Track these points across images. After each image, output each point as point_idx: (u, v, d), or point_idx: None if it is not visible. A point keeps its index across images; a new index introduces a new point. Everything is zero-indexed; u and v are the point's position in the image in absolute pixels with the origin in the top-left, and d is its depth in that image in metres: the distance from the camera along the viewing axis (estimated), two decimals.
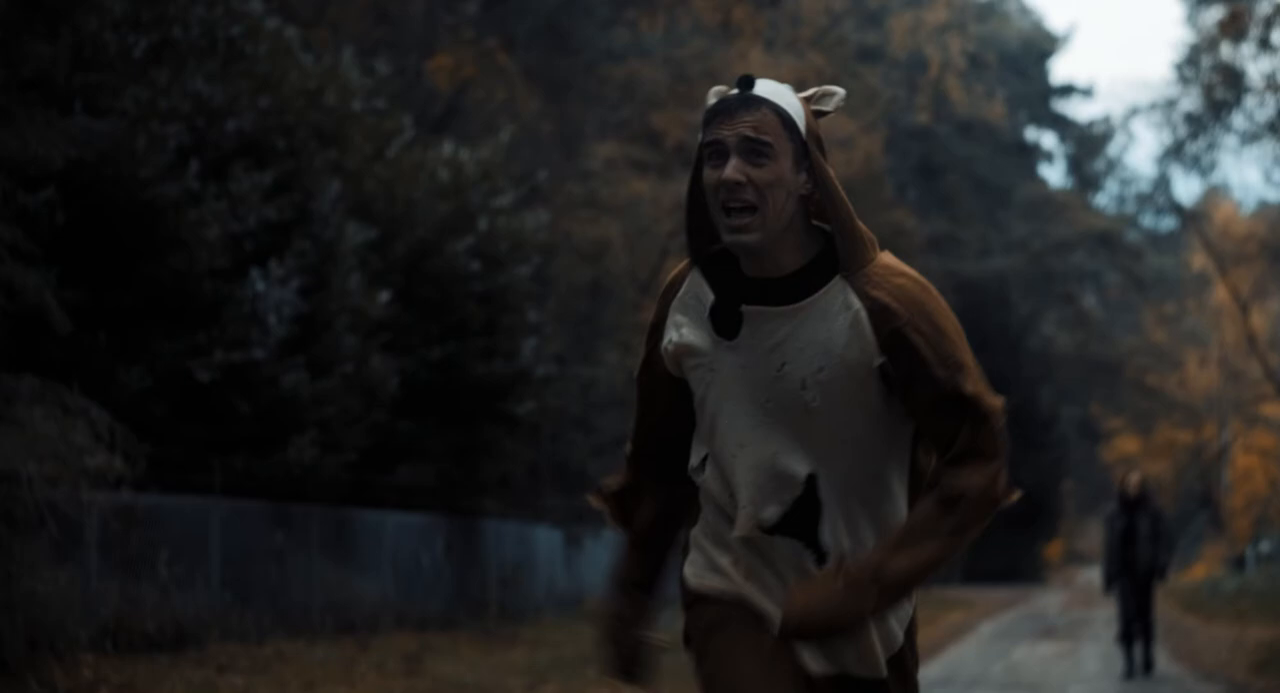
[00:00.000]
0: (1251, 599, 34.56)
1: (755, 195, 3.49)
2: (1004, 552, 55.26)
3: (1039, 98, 64.54)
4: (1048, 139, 68.06)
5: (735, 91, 3.61)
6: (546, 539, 23.50)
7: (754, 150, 3.50)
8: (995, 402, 3.57)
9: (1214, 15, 43.65)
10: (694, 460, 3.73)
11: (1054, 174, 67.98)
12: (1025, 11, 69.00)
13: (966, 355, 3.57)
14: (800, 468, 3.57)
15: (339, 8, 23.08)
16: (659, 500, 3.82)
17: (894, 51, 41.77)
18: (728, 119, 3.54)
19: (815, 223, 3.60)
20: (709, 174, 3.53)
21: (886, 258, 3.59)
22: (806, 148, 3.57)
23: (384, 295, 17.02)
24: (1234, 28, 37.72)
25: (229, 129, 14.80)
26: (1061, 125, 66.35)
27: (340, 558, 16.92)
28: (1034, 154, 67.09)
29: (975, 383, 3.57)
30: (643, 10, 29.58)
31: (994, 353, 55.58)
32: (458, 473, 19.42)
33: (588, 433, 25.04)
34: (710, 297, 3.60)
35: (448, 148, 19.82)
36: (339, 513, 16.89)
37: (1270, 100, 39.28)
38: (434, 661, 15.22)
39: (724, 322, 3.59)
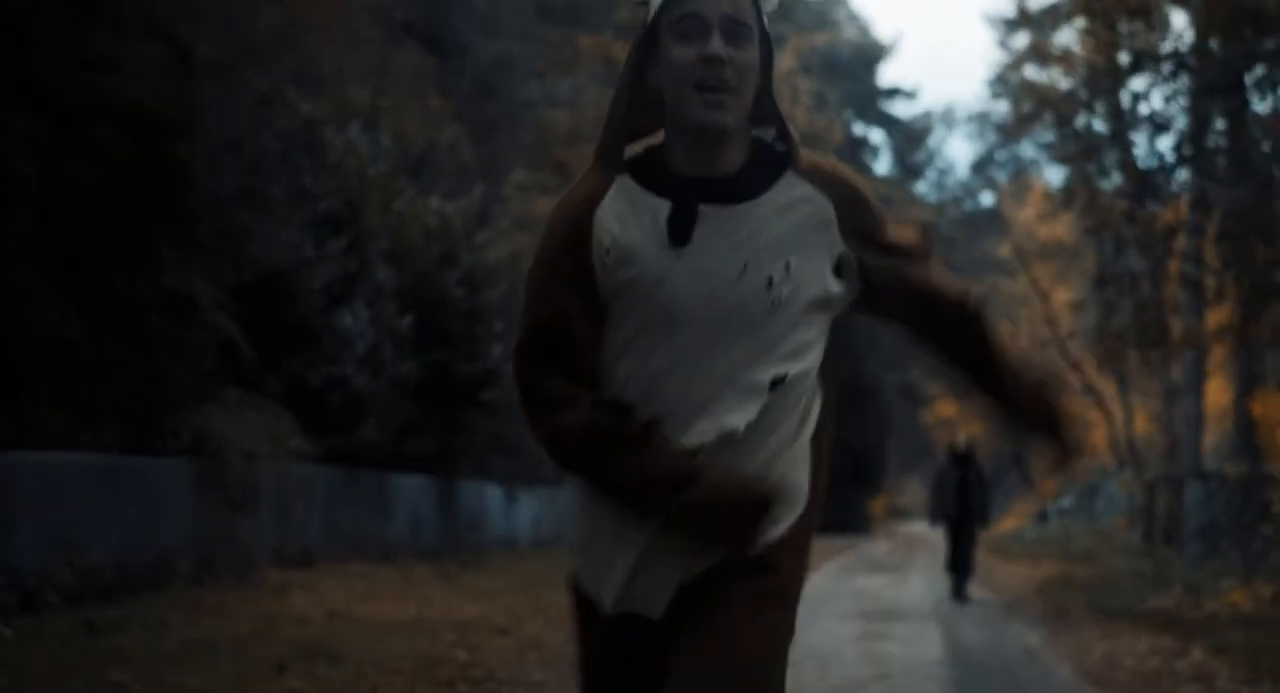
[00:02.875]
0: (1045, 545, 41.29)
1: (735, 77, 3.25)
2: (834, 506, 60.58)
3: (868, 99, 71.24)
4: (875, 135, 74.86)
5: None
6: (493, 495, 30.09)
7: (734, 32, 3.25)
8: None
9: (1021, 40, 50.11)
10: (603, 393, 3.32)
11: (881, 166, 74.13)
12: (854, 18, 75.62)
13: None
14: (763, 375, 3.28)
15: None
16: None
17: None
18: None
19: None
20: (681, 51, 3.24)
21: (812, 154, 3.45)
22: (767, 40, 3.39)
23: (408, 319, 23.49)
24: (1037, 53, 44.10)
25: (320, 208, 21.27)
26: (888, 123, 73.05)
27: (380, 507, 23.47)
28: (864, 149, 73.59)
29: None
30: (550, 65, 36.53)
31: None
32: (445, 445, 25.91)
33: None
34: (658, 202, 3.29)
35: (434, 201, 26.25)
36: (380, 476, 23.40)
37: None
38: (458, 577, 21.82)
39: (676, 227, 3.29)
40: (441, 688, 10.83)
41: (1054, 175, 48.68)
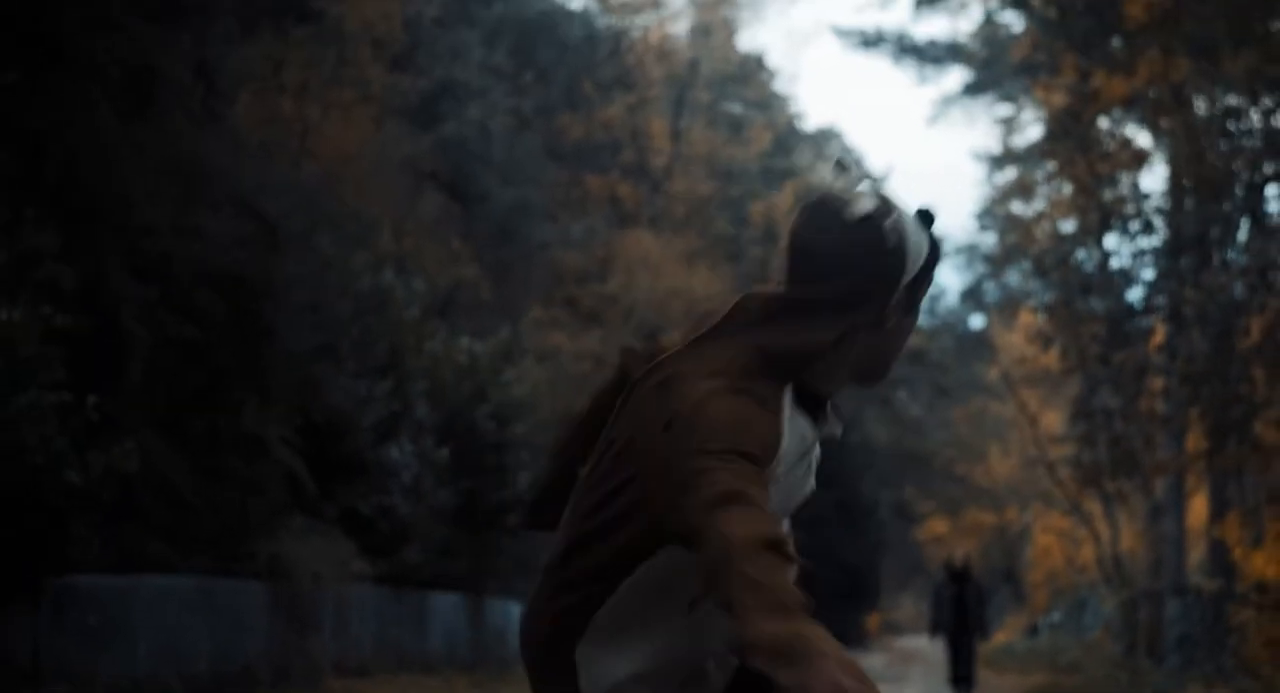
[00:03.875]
0: (1035, 657, 43.12)
1: None
2: (831, 622, 61.86)
3: None
4: None
5: (926, 225, 3.18)
6: (516, 612, 32.06)
7: None
8: None
9: (1007, 176, 52.47)
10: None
11: None
12: (848, 151, 78.16)
13: None
14: None
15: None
16: None
17: (752, 230, 51.19)
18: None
19: None
20: (909, 323, 3.23)
21: None
22: None
23: (444, 451, 25.59)
24: (1021, 188, 46.30)
25: (371, 354, 23.46)
26: None
27: (420, 623, 25.50)
28: None
29: None
30: (561, 206, 39.04)
31: (823, 450, 63.76)
32: (475, 566, 27.98)
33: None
34: (811, 429, 3.25)
35: (464, 340, 28.44)
36: (421, 595, 25.44)
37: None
38: (494, 688, 23.84)
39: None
40: None
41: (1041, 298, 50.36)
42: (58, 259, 13.19)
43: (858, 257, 3.07)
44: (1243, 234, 23.41)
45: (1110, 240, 25.42)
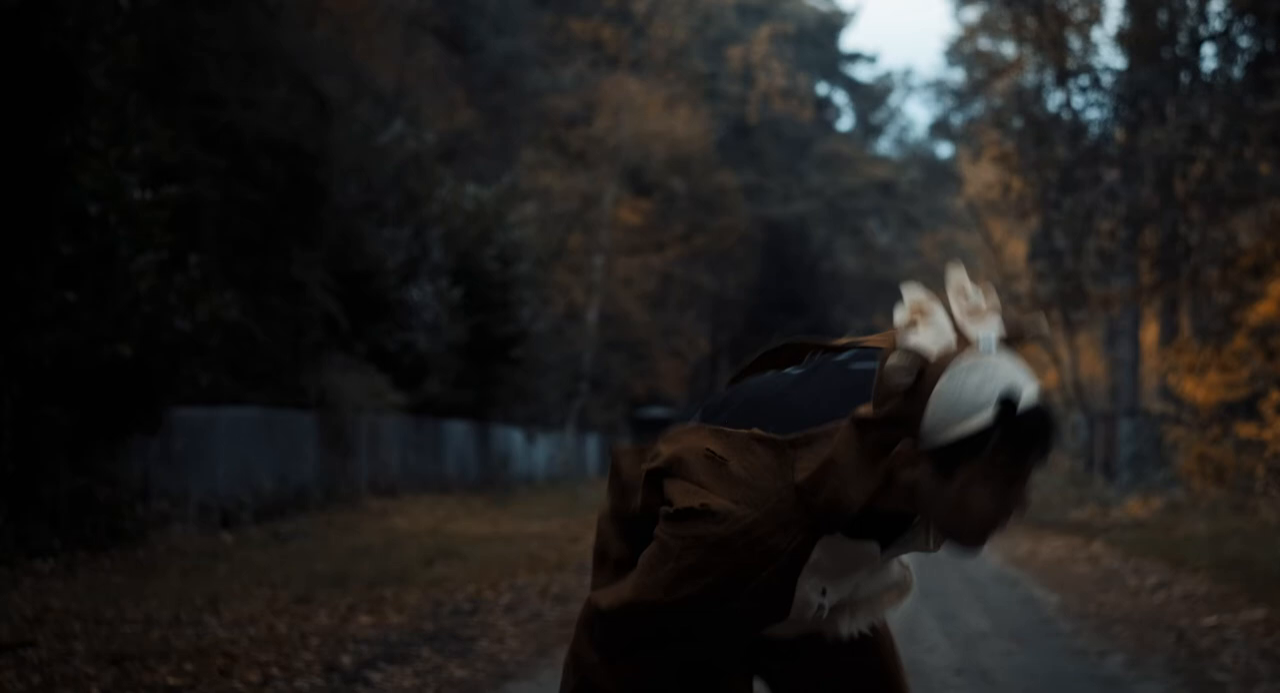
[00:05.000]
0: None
1: None
2: None
3: (831, 63, 75.51)
4: (840, 97, 79.11)
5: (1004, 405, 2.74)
6: (516, 438, 34.74)
7: None
8: None
9: (974, 13, 54.29)
10: None
11: (845, 124, 78.23)
12: None
13: None
14: None
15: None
16: None
17: (729, 71, 53.35)
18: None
19: None
20: (997, 499, 2.75)
21: None
22: None
23: (457, 292, 28.01)
24: (985, 26, 48.09)
25: (389, 204, 25.78)
26: (851, 86, 77.38)
27: (436, 449, 28.13)
28: (828, 109, 77.93)
29: None
30: (546, 50, 41.28)
31: (795, 279, 65.59)
32: (482, 395, 30.57)
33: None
34: (872, 545, 2.89)
35: (470, 187, 30.77)
36: (437, 423, 28.01)
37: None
38: (506, 504, 26.46)
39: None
40: (552, 571, 15.32)
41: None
42: (153, 138, 15.44)
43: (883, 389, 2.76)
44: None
45: (1061, 95, 27.67)
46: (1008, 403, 2.72)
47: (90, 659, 8.69)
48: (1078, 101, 27.48)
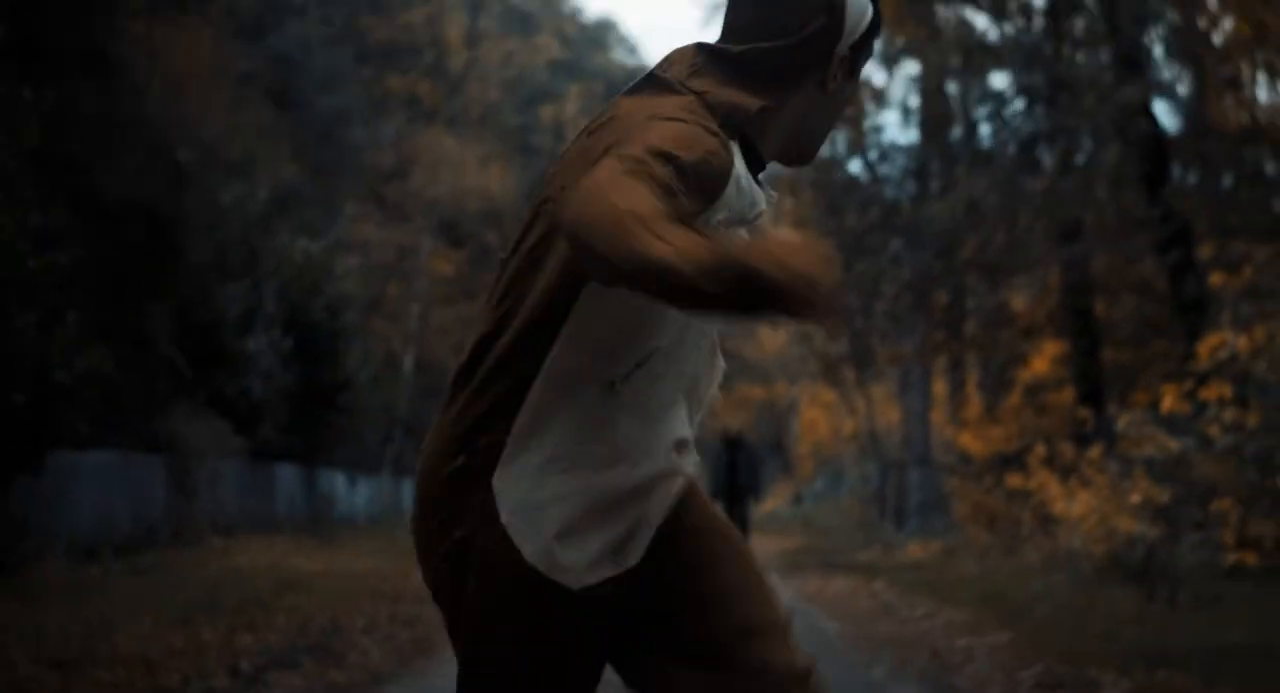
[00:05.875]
0: (797, 522, 48.35)
1: None
2: None
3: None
4: None
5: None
6: (340, 480, 36.40)
7: None
8: None
9: None
10: (628, 363, 2.99)
11: None
12: (630, 49, 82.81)
13: None
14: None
15: None
16: None
17: (543, 130, 55.54)
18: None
19: None
20: (848, 93, 3.12)
21: None
22: None
23: (289, 341, 29.55)
24: None
25: (232, 258, 27.43)
26: None
27: (268, 491, 29.74)
28: None
29: None
30: (374, 111, 43.23)
31: None
32: (309, 440, 32.22)
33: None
34: (759, 192, 3.00)
35: (301, 241, 32.44)
36: (269, 466, 29.62)
37: None
38: (336, 544, 28.10)
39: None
40: (393, 601, 17.08)
41: None
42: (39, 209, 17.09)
43: (798, 14, 2.98)
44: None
45: (855, 166, 30.10)
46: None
47: (31, 664, 10.39)
48: (865, 175, 29.93)
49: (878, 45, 3.16)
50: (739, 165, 2.92)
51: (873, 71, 30.14)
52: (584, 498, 2.97)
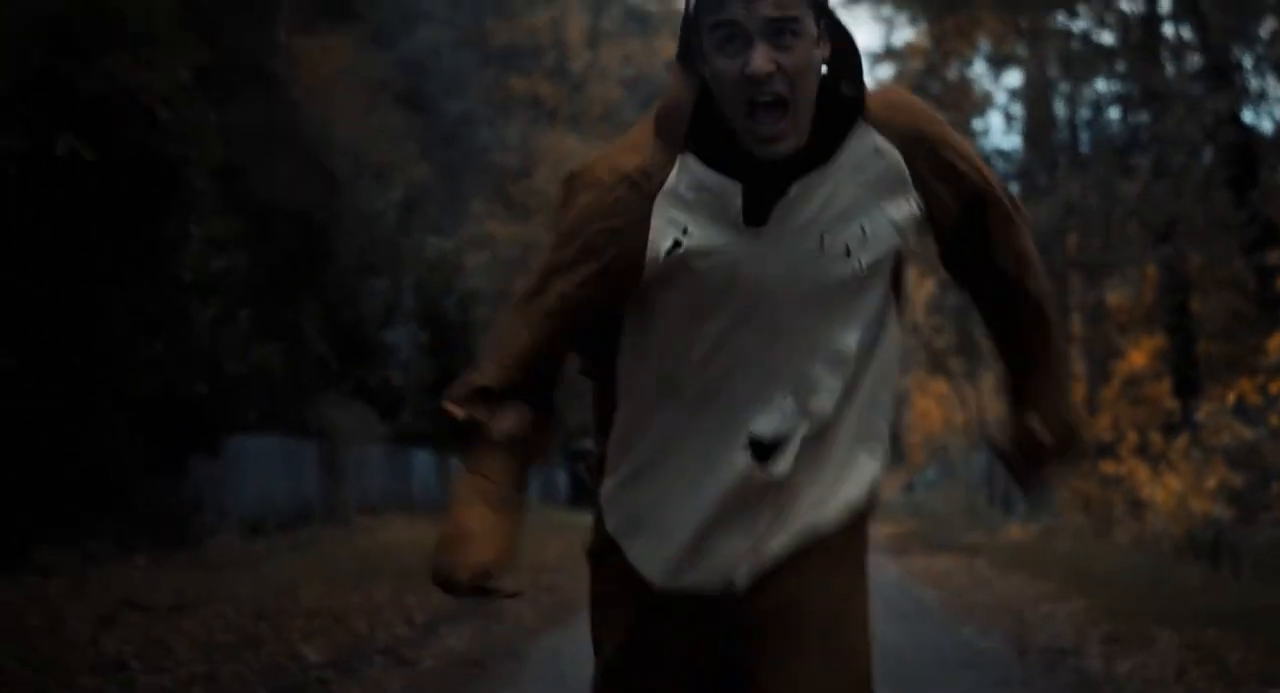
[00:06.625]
0: (907, 510, 49.70)
1: (786, 86, 2.77)
2: None
3: None
4: None
5: None
6: None
7: (780, 30, 2.76)
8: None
9: (886, 72, 58.35)
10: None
11: None
12: None
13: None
14: (849, 343, 2.97)
15: None
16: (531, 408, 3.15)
17: None
18: None
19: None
20: (725, 65, 2.78)
21: (884, 88, 3.02)
22: (836, 24, 2.89)
23: (425, 335, 31.40)
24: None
25: (372, 258, 29.32)
26: None
27: (405, 474, 31.65)
28: None
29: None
30: (500, 114, 45.14)
31: None
32: (440, 428, 33.96)
33: None
34: (727, 184, 2.84)
35: (433, 239, 34.31)
36: (407, 451, 31.55)
37: None
38: None
39: (751, 211, 2.86)
40: (532, 571, 18.71)
41: None
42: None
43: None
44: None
45: None
46: None
47: (238, 616, 12.18)
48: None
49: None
50: (674, 180, 2.88)
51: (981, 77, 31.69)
52: (664, 509, 3.10)
